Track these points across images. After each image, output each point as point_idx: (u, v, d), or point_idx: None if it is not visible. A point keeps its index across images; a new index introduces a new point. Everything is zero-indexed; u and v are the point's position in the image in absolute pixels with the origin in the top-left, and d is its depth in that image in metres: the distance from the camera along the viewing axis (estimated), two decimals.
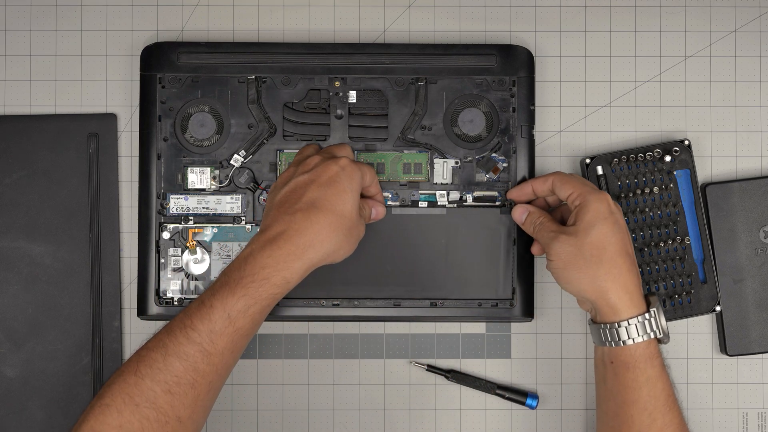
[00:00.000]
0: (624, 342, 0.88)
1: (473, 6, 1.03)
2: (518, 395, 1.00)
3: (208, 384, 0.84)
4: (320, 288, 0.97)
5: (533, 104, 0.99)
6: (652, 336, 0.89)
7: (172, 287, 0.98)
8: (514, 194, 0.97)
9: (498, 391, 1.00)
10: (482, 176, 0.99)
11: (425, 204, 0.98)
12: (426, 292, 0.97)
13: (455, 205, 0.98)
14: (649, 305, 0.90)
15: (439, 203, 0.98)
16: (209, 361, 0.84)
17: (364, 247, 0.95)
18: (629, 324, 0.88)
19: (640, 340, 0.88)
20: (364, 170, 0.92)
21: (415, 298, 0.98)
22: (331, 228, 0.88)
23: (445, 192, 0.98)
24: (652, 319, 0.89)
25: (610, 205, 0.90)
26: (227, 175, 0.99)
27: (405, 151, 0.99)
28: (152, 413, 0.82)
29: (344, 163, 0.90)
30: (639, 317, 0.88)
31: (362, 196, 0.94)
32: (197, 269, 0.98)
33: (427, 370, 1.01)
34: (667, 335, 0.90)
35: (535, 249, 0.97)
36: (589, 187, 0.92)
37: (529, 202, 0.97)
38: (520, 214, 0.96)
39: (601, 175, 0.99)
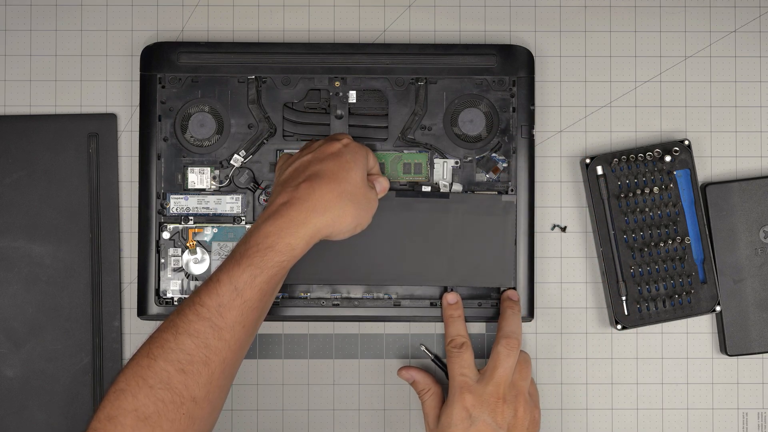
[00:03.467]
0: None
1: (473, 6, 1.03)
2: None
3: (221, 361, 0.83)
4: (322, 270, 0.96)
5: (533, 104, 0.99)
6: None
7: (172, 287, 0.98)
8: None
9: None
10: (482, 176, 0.99)
11: (428, 189, 0.98)
12: (430, 278, 0.97)
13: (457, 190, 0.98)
14: None
15: (441, 190, 0.98)
16: (220, 336, 0.83)
17: (366, 233, 0.94)
18: None
19: None
20: (367, 148, 0.94)
21: (415, 297, 0.98)
22: (334, 194, 0.87)
23: (447, 183, 0.98)
24: None
25: (467, 408, 0.91)
26: (227, 175, 0.99)
27: (405, 151, 0.99)
28: (167, 394, 0.81)
29: (347, 141, 0.92)
30: None
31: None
32: (197, 269, 0.98)
33: (432, 360, 1.00)
34: None
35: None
36: (452, 385, 0.92)
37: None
38: (404, 379, 0.98)
39: (601, 175, 0.99)
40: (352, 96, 0.99)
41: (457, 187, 0.99)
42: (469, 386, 0.92)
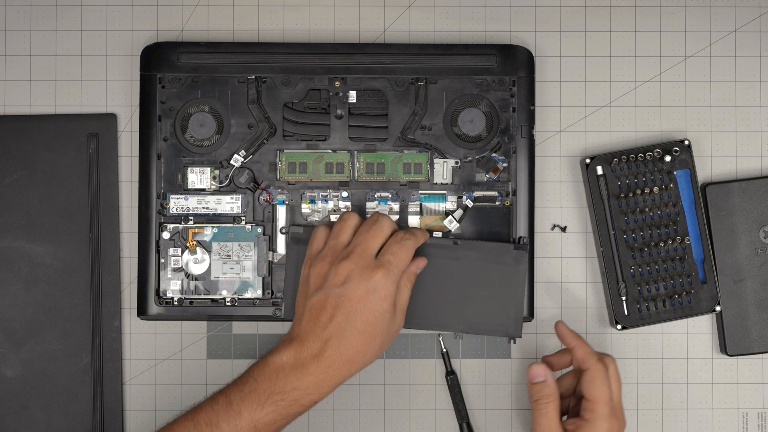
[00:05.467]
0: None
1: (473, 6, 1.03)
2: None
3: None
4: None
5: (533, 104, 0.99)
6: None
7: (172, 287, 0.98)
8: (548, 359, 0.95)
9: (464, 428, 1.00)
10: (482, 176, 0.99)
11: (439, 235, 0.98)
12: (437, 323, 0.96)
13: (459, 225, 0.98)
14: None
15: (453, 231, 0.98)
16: None
17: None
18: None
19: None
20: (401, 278, 0.91)
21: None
22: (360, 353, 0.89)
23: (457, 226, 0.98)
24: None
25: None
26: (227, 175, 0.99)
27: (405, 151, 0.99)
28: None
29: (377, 280, 0.89)
30: None
31: None
32: (197, 269, 0.98)
33: (443, 352, 1.00)
34: None
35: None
36: (604, 413, 0.89)
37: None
38: (534, 374, 0.92)
39: (601, 175, 0.99)
40: (352, 96, 0.99)
41: (467, 203, 0.98)
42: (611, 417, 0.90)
